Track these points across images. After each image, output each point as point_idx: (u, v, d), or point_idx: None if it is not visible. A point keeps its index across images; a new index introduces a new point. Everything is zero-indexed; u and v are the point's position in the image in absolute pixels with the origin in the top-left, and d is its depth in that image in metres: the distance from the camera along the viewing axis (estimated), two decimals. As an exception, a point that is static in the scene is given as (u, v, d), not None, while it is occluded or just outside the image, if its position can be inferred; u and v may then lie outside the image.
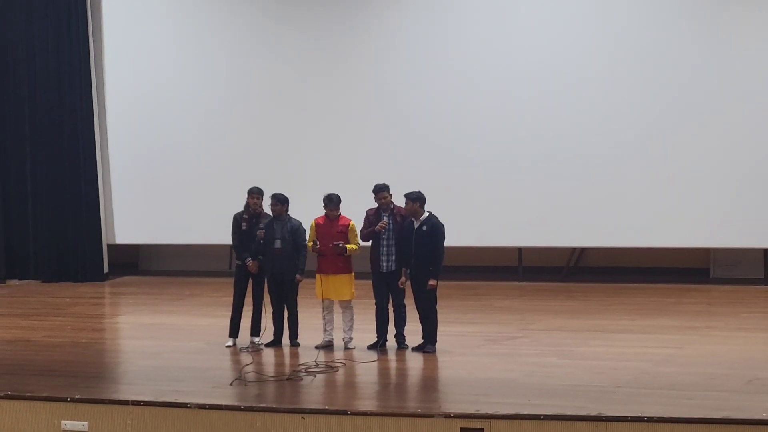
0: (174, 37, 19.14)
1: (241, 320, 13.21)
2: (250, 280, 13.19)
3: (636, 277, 17.72)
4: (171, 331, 14.56)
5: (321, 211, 12.93)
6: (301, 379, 11.41)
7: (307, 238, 12.88)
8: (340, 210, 12.88)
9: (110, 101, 19.19)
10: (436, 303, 12.60)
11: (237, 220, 13.28)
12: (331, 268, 12.82)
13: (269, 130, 18.71)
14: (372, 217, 12.79)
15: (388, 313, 12.79)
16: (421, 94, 18.03)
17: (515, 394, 10.57)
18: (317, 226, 12.88)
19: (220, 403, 10.46)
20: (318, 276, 12.87)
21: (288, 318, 13.05)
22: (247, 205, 13.23)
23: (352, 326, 12.87)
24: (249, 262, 13.07)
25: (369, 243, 12.84)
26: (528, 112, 17.60)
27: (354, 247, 12.81)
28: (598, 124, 17.43)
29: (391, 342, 12.77)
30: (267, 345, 13.02)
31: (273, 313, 13.04)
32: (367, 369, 11.97)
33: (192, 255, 19.81)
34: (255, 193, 13.19)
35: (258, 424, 10.19)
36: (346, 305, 12.89)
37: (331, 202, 12.85)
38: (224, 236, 13.75)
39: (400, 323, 12.79)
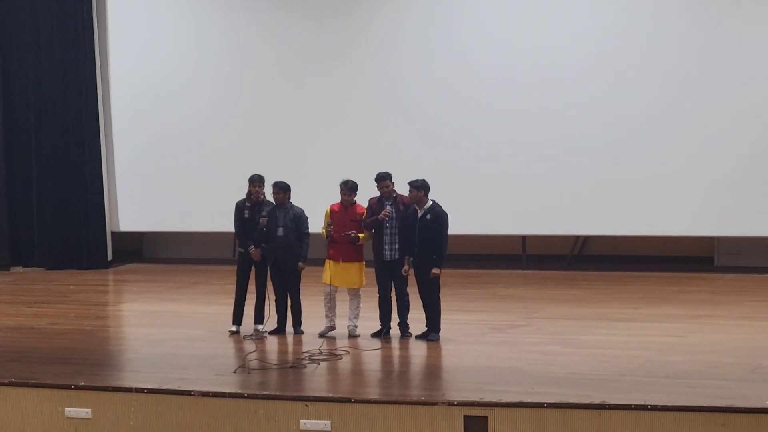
0: (178, 26, 19.13)
1: (245, 308, 13.21)
2: (253, 268, 13.18)
3: (640, 266, 17.69)
4: (175, 318, 14.56)
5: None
6: (305, 367, 11.40)
7: (323, 224, 12.78)
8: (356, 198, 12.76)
9: (115, 89, 19.18)
10: (439, 291, 12.57)
11: (239, 207, 13.27)
12: (341, 256, 12.75)
13: (272, 119, 18.69)
14: (374, 206, 12.73)
15: (391, 301, 12.78)
16: (425, 82, 18.00)
17: (519, 382, 10.55)
18: (332, 213, 12.79)
19: (223, 390, 10.46)
20: (327, 262, 12.82)
21: (291, 306, 13.03)
22: (249, 193, 13.21)
23: (358, 314, 12.83)
24: (252, 249, 13.06)
25: (372, 231, 12.81)
26: (532, 101, 17.57)
27: (366, 235, 12.77)
28: (602, 112, 17.38)
29: (394, 330, 12.76)
30: (270, 333, 13.01)
31: (276, 300, 13.03)
32: (370, 357, 11.97)
33: (196, 243, 19.81)
34: (256, 181, 13.17)
35: (261, 411, 10.19)
36: (354, 293, 12.86)
37: (346, 186, 12.70)
38: (227, 224, 13.73)
39: (404, 311, 12.76)
